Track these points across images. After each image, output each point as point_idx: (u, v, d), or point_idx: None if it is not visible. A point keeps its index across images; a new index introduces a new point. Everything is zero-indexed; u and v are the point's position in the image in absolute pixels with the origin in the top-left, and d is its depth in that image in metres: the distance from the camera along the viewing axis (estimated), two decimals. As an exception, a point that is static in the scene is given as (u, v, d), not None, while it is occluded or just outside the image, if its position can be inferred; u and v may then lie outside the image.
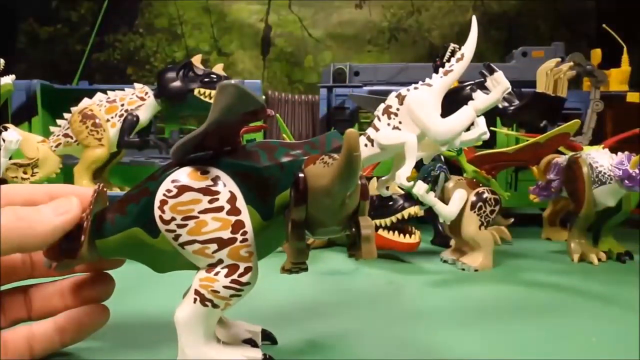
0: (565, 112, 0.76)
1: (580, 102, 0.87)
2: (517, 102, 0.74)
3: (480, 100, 0.44)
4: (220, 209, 0.29)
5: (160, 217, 0.29)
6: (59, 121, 0.78)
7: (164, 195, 0.29)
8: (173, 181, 0.29)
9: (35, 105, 0.87)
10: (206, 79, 0.77)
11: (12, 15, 1.48)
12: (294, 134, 0.96)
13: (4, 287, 0.35)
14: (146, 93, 0.77)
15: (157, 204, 0.29)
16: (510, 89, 0.45)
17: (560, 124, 0.62)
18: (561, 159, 0.67)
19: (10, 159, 0.72)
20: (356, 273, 0.58)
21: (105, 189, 0.33)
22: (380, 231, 0.62)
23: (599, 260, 0.62)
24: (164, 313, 0.33)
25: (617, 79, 0.87)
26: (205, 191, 0.29)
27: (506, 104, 0.74)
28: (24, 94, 0.87)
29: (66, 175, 0.81)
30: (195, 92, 0.76)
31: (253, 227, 0.30)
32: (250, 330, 0.35)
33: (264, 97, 0.94)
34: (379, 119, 0.44)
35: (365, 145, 0.42)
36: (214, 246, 0.29)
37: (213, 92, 0.76)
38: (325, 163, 0.27)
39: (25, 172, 0.74)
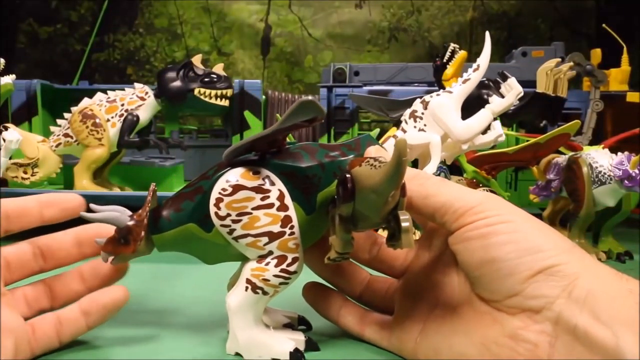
0: (565, 112, 0.76)
1: (580, 102, 0.87)
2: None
3: (496, 104, 0.49)
4: (271, 205, 0.32)
5: (216, 213, 0.33)
6: (59, 121, 0.78)
7: (220, 193, 0.32)
8: (227, 181, 0.32)
9: (35, 105, 0.87)
10: (206, 79, 0.77)
11: (12, 15, 1.48)
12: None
13: (24, 282, 0.37)
14: (146, 93, 0.77)
15: (212, 201, 0.33)
16: (522, 93, 0.49)
17: (561, 124, 0.62)
18: (561, 159, 0.67)
19: (10, 158, 0.72)
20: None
21: (156, 189, 0.35)
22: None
23: (599, 260, 0.62)
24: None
25: (617, 78, 0.87)
26: (257, 189, 0.32)
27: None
28: (24, 94, 0.87)
29: (66, 175, 0.81)
30: (196, 92, 0.76)
31: (298, 221, 0.33)
32: (288, 316, 0.39)
33: (264, 97, 0.94)
34: (406, 122, 0.49)
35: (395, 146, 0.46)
36: (265, 239, 0.32)
37: (213, 92, 0.77)
38: (371, 165, 0.29)
39: (25, 172, 0.74)
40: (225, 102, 0.78)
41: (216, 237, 0.33)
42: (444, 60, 0.67)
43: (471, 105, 0.52)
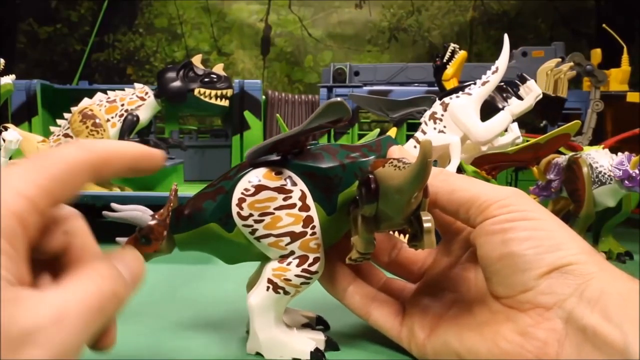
0: (565, 112, 0.76)
1: (580, 102, 0.87)
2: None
3: (515, 106, 0.50)
4: (293, 205, 0.33)
5: (238, 213, 0.33)
6: (59, 121, 0.78)
7: (242, 193, 0.33)
8: (250, 181, 0.33)
9: (35, 105, 0.87)
10: (206, 79, 0.77)
11: (12, 15, 1.48)
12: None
13: None
14: (146, 93, 0.77)
15: (234, 201, 0.33)
16: (541, 95, 0.50)
17: (561, 124, 0.62)
18: (561, 159, 0.67)
19: (10, 159, 0.72)
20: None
21: (177, 189, 0.35)
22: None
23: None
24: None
25: (617, 79, 0.87)
26: (280, 190, 0.33)
27: (506, 104, 0.74)
28: (24, 94, 0.87)
29: (66, 175, 0.81)
30: (195, 92, 0.76)
31: (319, 221, 0.33)
32: (306, 316, 0.39)
33: (264, 97, 0.94)
34: (425, 124, 0.50)
35: (415, 146, 0.48)
36: (287, 239, 0.33)
37: (213, 92, 0.77)
38: (395, 166, 0.29)
39: (25, 172, 0.74)
40: (225, 102, 0.78)
41: (237, 236, 0.33)
42: (444, 60, 0.67)
43: None
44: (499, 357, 0.28)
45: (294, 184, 0.33)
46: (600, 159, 0.61)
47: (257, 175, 0.33)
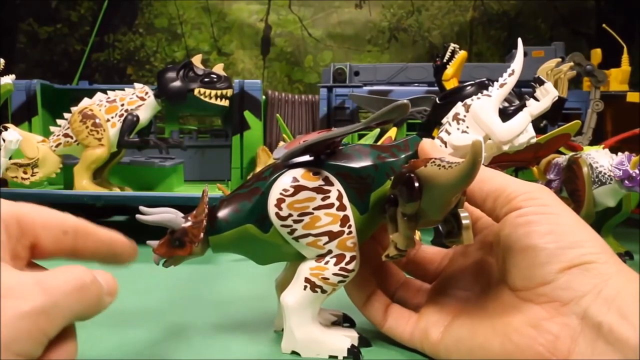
0: (565, 112, 0.76)
1: (580, 102, 0.87)
2: (517, 102, 0.74)
3: (534, 107, 0.51)
4: (331, 205, 0.33)
5: (277, 213, 0.33)
6: (59, 121, 0.78)
7: (281, 194, 0.33)
8: (289, 182, 0.33)
9: (35, 105, 0.87)
10: (206, 79, 0.77)
11: (12, 15, 1.48)
12: (294, 134, 0.96)
13: None
14: (146, 93, 0.77)
15: (273, 202, 0.33)
16: (557, 97, 0.52)
17: (561, 124, 0.62)
18: (561, 159, 0.67)
19: (10, 158, 0.72)
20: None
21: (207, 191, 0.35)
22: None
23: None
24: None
25: (617, 78, 0.87)
26: (318, 190, 0.33)
27: (506, 104, 0.74)
28: (24, 94, 0.87)
29: (66, 175, 0.81)
30: (196, 92, 0.76)
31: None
32: (335, 314, 0.40)
33: (264, 97, 0.94)
34: (449, 124, 0.52)
35: (440, 146, 0.49)
36: (326, 238, 0.33)
37: (213, 92, 0.76)
38: (439, 166, 0.29)
39: (25, 172, 0.74)
40: (225, 102, 0.78)
41: (273, 237, 0.34)
42: (444, 60, 0.67)
43: None
44: (510, 351, 0.28)
45: (331, 184, 0.33)
46: (600, 159, 0.61)
47: (295, 176, 0.33)
